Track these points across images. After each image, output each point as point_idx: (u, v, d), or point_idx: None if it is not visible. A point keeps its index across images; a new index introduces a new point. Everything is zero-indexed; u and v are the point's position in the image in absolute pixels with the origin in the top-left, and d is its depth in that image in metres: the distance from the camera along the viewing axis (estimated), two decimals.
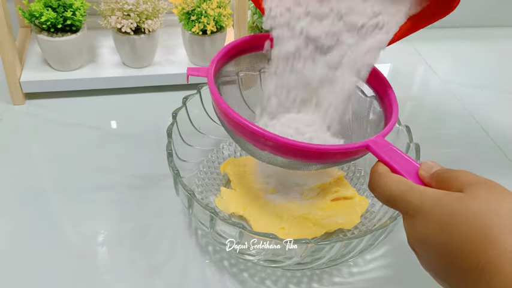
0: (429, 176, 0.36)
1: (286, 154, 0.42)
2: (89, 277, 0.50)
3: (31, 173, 0.61)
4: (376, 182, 0.37)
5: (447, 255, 0.30)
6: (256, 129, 0.41)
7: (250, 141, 0.43)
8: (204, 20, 0.71)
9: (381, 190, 0.36)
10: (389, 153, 0.40)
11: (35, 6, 0.67)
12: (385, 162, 0.39)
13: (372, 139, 0.42)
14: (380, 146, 0.41)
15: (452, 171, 0.34)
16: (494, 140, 0.73)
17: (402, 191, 0.34)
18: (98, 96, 0.74)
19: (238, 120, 0.42)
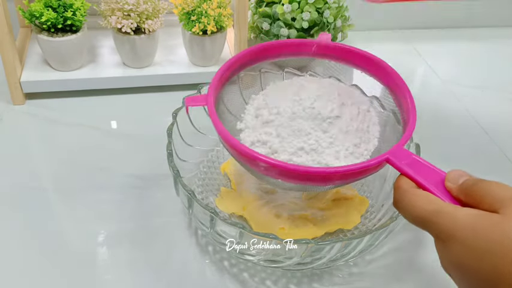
0: (457, 188, 0.33)
1: (303, 181, 0.41)
2: (89, 277, 0.50)
3: (31, 173, 0.61)
4: (401, 200, 0.35)
5: (487, 282, 0.29)
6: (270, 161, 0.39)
7: (263, 172, 0.42)
8: (204, 20, 0.71)
9: (407, 210, 0.34)
10: (411, 164, 0.37)
11: (35, 6, 0.67)
12: (408, 176, 0.36)
13: (391, 150, 0.39)
14: (400, 157, 0.38)
15: (482, 184, 0.32)
16: (494, 140, 0.73)
17: (431, 212, 0.32)
18: (98, 96, 0.74)
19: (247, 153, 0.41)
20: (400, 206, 0.35)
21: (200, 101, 0.47)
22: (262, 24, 0.78)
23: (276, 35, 0.77)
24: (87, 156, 0.63)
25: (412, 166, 0.37)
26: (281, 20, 0.76)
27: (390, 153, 0.39)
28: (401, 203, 0.35)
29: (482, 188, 0.31)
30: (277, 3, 0.76)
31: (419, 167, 0.36)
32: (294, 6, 0.74)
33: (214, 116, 0.44)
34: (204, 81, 0.58)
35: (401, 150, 0.39)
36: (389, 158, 0.39)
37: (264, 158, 0.40)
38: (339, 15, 0.77)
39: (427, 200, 0.33)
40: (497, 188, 0.31)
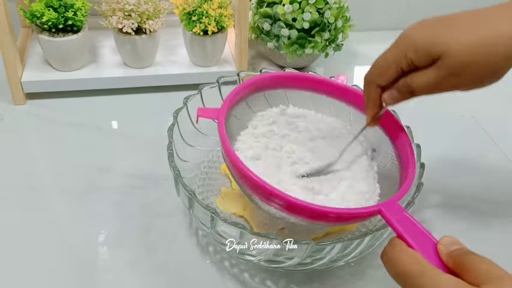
0: (448, 253, 0.34)
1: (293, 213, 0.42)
2: (89, 277, 0.50)
3: (31, 173, 0.61)
4: (388, 252, 0.35)
5: None
6: (271, 189, 0.40)
7: (260, 198, 0.43)
8: (205, 21, 0.71)
9: (392, 263, 0.35)
10: (403, 222, 0.37)
11: (36, 7, 0.67)
12: (397, 232, 0.37)
13: (385, 203, 0.40)
14: (393, 212, 0.38)
15: (473, 257, 0.32)
16: (494, 140, 0.73)
17: (415, 271, 0.33)
18: (98, 96, 0.74)
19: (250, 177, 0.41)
20: (386, 258, 0.36)
21: (212, 113, 0.47)
22: (263, 25, 0.78)
23: (277, 35, 0.77)
24: (87, 156, 0.63)
25: (402, 223, 0.37)
26: (282, 20, 0.76)
27: (383, 206, 0.39)
28: (388, 255, 0.35)
29: (471, 260, 0.32)
30: (278, 3, 0.76)
31: (409, 225, 0.37)
32: (294, 7, 0.74)
33: (223, 134, 0.44)
34: (204, 82, 0.58)
35: (394, 205, 0.39)
36: (381, 210, 0.39)
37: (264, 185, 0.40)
38: (340, 16, 0.77)
39: (414, 259, 0.34)
40: (484, 264, 0.32)
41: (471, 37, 0.38)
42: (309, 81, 0.54)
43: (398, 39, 0.42)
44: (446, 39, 0.39)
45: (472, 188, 0.64)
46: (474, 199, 0.63)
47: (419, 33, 0.40)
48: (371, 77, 0.44)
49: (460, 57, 0.38)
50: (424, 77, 0.41)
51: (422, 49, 0.40)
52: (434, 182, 0.62)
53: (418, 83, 0.41)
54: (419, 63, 0.41)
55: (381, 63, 0.43)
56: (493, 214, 0.61)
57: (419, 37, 0.40)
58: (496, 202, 0.62)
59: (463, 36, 0.39)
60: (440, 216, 0.59)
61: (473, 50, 0.38)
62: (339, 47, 0.82)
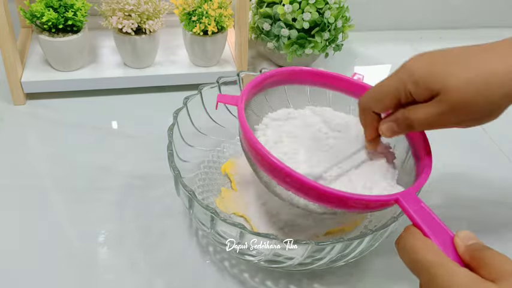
0: (465, 247, 0.34)
1: (307, 196, 0.42)
2: (90, 277, 0.50)
3: (31, 173, 0.61)
4: (405, 240, 0.35)
5: None
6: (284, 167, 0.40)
7: (274, 178, 0.43)
8: (205, 21, 0.71)
9: (406, 251, 0.35)
10: (420, 212, 0.37)
11: (36, 7, 0.67)
12: (414, 222, 0.37)
13: (403, 192, 0.40)
14: (411, 202, 0.38)
15: (490, 253, 0.33)
16: (494, 140, 0.73)
17: (431, 261, 0.33)
18: (98, 96, 0.74)
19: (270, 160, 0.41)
20: (402, 245, 0.36)
21: (232, 100, 0.47)
22: (263, 25, 0.78)
23: (277, 36, 0.77)
24: (87, 156, 0.63)
25: (419, 213, 0.37)
26: (282, 20, 0.76)
27: (401, 195, 0.39)
28: (404, 242, 0.35)
29: (488, 255, 0.32)
30: (277, 3, 0.76)
31: (427, 216, 0.37)
32: (294, 7, 0.74)
33: (243, 119, 0.44)
34: (205, 82, 0.58)
35: (412, 195, 0.40)
36: (399, 199, 0.39)
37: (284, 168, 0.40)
38: (340, 16, 0.78)
39: (431, 249, 0.34)
40: (500, 259, 0.32)
41: (471, 75, 0.38)
42: (335, 81, 0.54)
43: (399, 69, 0.41)
44: (446, 75, 0.39)
45: (472, 188, 0.64)
46: (474, 199, 0.63)
47: (420, 66, 0.40)
48: (367, 103, 0.44)
49: (459, 94, 0.38)
50: (424, 110, 0.41)
51: (423, 83, 0.39)
52: (435, 182, 0.62)
53: (417, 117, 0.41)
54: (418, 96, 0.41)
55: (378, 90, 0.43)
56: (493, 214, 0.61)
57: (420, 70, 0.40)
58: (496, 202, 0.62)
59: (463, 73, 0.39)
60: (440, 216, 0.59)
61: (473, 88, 0.38)
62: (339, 47, 0.82)
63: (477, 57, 0.40)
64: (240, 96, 0.47)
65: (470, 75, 0.38)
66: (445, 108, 0.39)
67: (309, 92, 0.55)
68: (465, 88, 0.38)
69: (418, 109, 0.41)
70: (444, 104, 0.39)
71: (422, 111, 0.41)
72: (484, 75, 0.38)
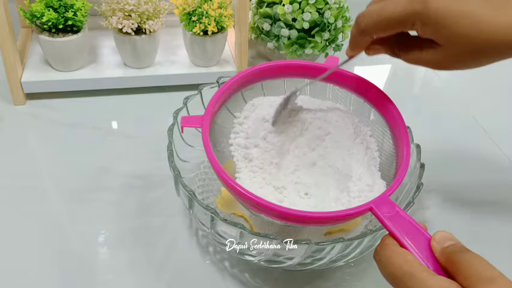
0: (441, 250, 0.33)
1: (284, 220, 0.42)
2: (89, 277, 0.50)
3: (31, 173, 0.61)
4: (380, 253, 0.35)
5: None
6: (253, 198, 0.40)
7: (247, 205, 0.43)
8: (205, 21, 0.71)
9: (383, 264, 0.34)
10: (394, 219, 0.36)
11: (36, 7, 0.67)
12: (388, 230, 0.36)
13: (376, 200, 0.39)
14: (384, 209, 0.38)
15: (466, 255, 0.32)
16: (494, 140, 0.73)
17: (405, 272, 0.32)
18: (98, 96, 0.74)
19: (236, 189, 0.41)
20: (378, 258, 0.35)
21: (195, 122, 0.46)
22: (263, 25, 0.78)
23: (277, 36, 0.77)
24: (87, 156, 0.63)
25: (393, 220, 0.36)
26: (282, 20, 0.76)
27: (374, 203, 0.39)
28: (379, 256, 0.35)
29: (465, 259, 0.31)
30: (277, 3, 0.76)
31: (401, 222, 0.36)
32: (294, 7, 0.74)
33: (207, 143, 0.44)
34: (205, 82, 0.58)
35: (386, 201, 0.39)
36: (372, 208, 0.38)
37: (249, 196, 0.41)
38: (340, 16, 0.78)
39: (404, 260, 0.33)
40: (478, 264, 0.31)
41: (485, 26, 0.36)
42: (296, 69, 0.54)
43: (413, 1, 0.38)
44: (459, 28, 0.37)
45: (472, 188, 0.64)
46: (474, 199, 0.63)
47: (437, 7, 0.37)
48: (370, 30, 0.41)
49: (464, 48, 0.37)
50: (420, 56, 0.40)
51: (432, 27, 0.38)
52: (434, 182, 0.62)
53: (409, 59, 0.41)
54: (421, 34, 0.39)
55: (386, 20, 0.39)
56: (493, 214, 0.61)
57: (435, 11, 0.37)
58: (496, 202, 0.62)
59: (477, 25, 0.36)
60: (440, 216, 0.59)
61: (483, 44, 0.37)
62: (339, 47, 0.82)
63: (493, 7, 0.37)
64: (203, 117, 0.46)
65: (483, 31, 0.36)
66: (441, 58, 0.39)
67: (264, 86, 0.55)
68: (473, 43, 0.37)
69: (415, 53, 0.41)
70: (443, 55, 0.39)
71: (421, 57, 0.40)
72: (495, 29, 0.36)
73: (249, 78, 0.52)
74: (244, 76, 0.51)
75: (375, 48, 0.44)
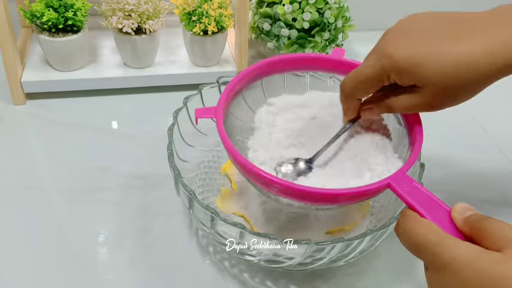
0: (463, 220, 0.34)
1: (299, 199, 0.42)
2: (89, 277, 0.50)
3: (31, 173, 0.61)
4: (403, 224, 0.35)
5: None
6: (270, 177, 0.40)
7: (263, 187, 0.43)
8: (205, 21, 0.71)
9: (406, 236, 0.34)
10: (413, 193, 0.37)
11: (36, 7, 0.67)
12: (409, 204, 0.36)
13: (393, 175, 0.40)
14: (403, 183, 0.38)
15: (490, 221, 0.32)
16: (494, 140, 0.73)
17: (431, 241, 0.33)
18: (98, 96, 0.74)
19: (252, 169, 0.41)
20: (401, 230, 0.35)
21: (210, 113, 0.47)
22: (263, 25, 0.78)
23: (277, 36, 0.77)
24: (87, 156, 0.63)
25: (412, 194, 0.37)
26: (282, 20, 0.76)
27: (392, 179, 0.39)
28: (403, 227, 0.35)
29: (489, 225, 0.32)
30: (278, 3, 0.76)
31: (420, 195, 0.36)
32: (294, 7, 0.74)
33: (222, 131, 0.44)
34: (205, 82, 0.58)
35: (403, 176, 0.39)
36: (390, 184, 0.39)
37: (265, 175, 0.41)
38: (340, 16, 0.77)
39: (429, 229, 0.33)
40: (503, 227, 0.31)
41: (453, 59, 0.38)
42: (305, 61, 0.54)
43: (381, 57, 0.40)
44: (429, 64, 0.38)
45: (472, 188, 0.64)
46: (474, 199, 0.62)
47: (403, 55, 0.39)
48: (350, 92, 0.44)
49: (443, 83, 0.38)
50: (406, 101, 0.41)
51: (406, 75, 0.39)
52: (434, 182, 0.62)
53: (399, 106, 0.42)
54: (401, 84, 0.40)
55: (361, 79, 0.42)
56: (493, 214, 0.60)
57: (403, 60, 0.39)
58: (496, 202, 0.62)
59: (445, 59, 0.38)
60: None
61: (456, 74, 0.38)
62: (339, 47, 0.82)
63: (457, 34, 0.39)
64: (217, 107, 0.46)
65: (453, 60, 0.37)
66: (429, 98, 0.40)
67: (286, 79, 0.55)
68: (448, 75, 0.38)
69: (400, 99, 0.42)
70: (429, 95, 0.39)
71: (406, 101, 0.41)
72: (466, 57, 0.37)
73: (268, 69, 0.52)
74: (262, 66, 0.51)
75: (369, 108, 0.45)
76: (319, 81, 0.55)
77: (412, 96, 0.41)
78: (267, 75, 0.53)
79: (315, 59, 0.53)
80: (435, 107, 0.41)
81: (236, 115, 0.52)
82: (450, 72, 0.38)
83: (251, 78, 0.52)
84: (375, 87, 0.42)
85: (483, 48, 0.37)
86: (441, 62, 0.38)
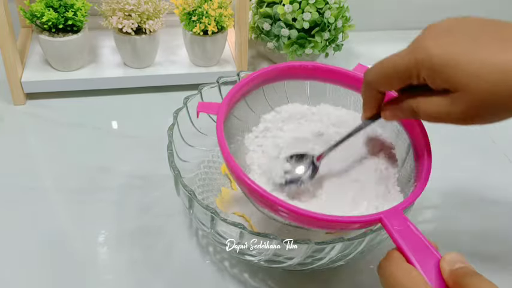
0: (450, 271, 0.32)
1: (291, 219, 0.41)
2: (89, 277, 0.50)
3: (31, 173, 0.61)
4: (384, 267, 0.34)
5: None
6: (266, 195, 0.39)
7: (256, 201, 0.43)
8: (205, 21, 0.71)
9: (385, 279, 0.33)
10: (405, 233, 0.35)
11: (36, 7, 0.67)
12: (397, 244, 0.35)
13: (387, 211, 0.38)
14: (395, 221, 0.36)
15: (475, 280, 0.31)
16: (494, 140, 0.73)
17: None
18: (98, 96, 0.74)
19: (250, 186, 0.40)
20: (381, 272, 0.34)
21: (212, 109, 0.46)
22: (263, 25, 0.78)
23: (277, 36, 0.77)
24: (87, 156, 0.63)
25: (403, 234, 0.35)
26: (282, 20, 0.76)
27: (385, 214, 0.37)
28: (383, 269, 0.34)
29: (472, 283, 0.30)
30: (278, 3, 0.76)
31: (411, 237, 0.35)
32: (294, 7, 0.74)
33: (220, 132, 0.43)
34: (205, 82, 0.58)
35: (398, 214, 0.37)
36: (382, 219, 0.37)
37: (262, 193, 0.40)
38: (340, 16, 0.77)
39: (408, 276, 0.32)
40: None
41: (499, 65, 0.32)
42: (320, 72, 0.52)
43: (414, 46, 0.35)
44: (468, 66, 0.33)
45: (472, 188, 0.64)
46: (474, 199, 0.63)
47: (441, 52, 0.34)
48: (375, 82, 0.39)
49: (481, 91, 0.33)
50: (434, 107, 0.36)
51: (441, 74, 0.34)
52: (434, 182, 0.62)
53: (425, 111, 0.37)
54: (432, 84, 0.35)
55: (388, 70, 0.38)
56: (493, 214, 0.61)
57: (440, 57, 0.34)
58: (496, 202, 0.62)
59: (489, 63, 0.32)
60: (440, 217, 0.59)
61: (499, 82, 0.32)
62: (339, 47, 0.82)
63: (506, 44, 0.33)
64: (221, 105, 0.45)
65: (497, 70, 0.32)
66: (462, 108, 0.34)
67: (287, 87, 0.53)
68: (489, 85, 0.32)
69: (429, 102, 0.36)
70: (462, 103, 0.34)
71: (435, 106, 0.36)
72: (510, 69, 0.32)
73: (274, 74, 0.51)
74: (267, 72, 0.50)
75: (391, 109, 0.40)
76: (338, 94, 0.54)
77: (443, 103, 0.35)
78: (284, 80, 0.52)
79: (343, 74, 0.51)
80: (467, 119, 0.35)
81: (238, 116, 0.52)
82: (493, 80, 0.32)
83: (262, 80, 0.51)
84: (401, 82, 0.37)
85: None
86: (484, 66, 0.32)
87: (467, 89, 0.33)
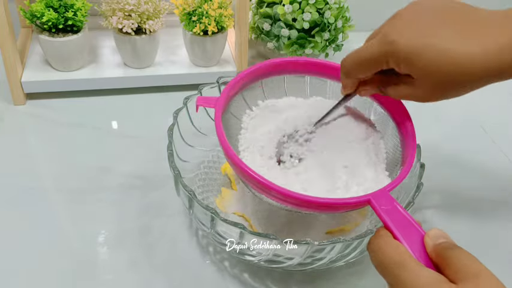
0: (433, 245, 0.34)
1: (284, 202, 0.42)
2: (89, 277, 0.50)
3: (31, 173, 0.61)
4: (373, 242, 0.36)
5: None
6: (260, 179, 0.40)
7: (252, 186, 0.44)
8: (205, 21, 0.71)
9: (374, 254, 0.35)
10: (391, 212, 0.37)
11: (36, 7, 0.67)
12: (384, 223, 0.37)
13: (375, 193, 0.40)
14: (382, 202, 0.38)
15: (456, 252, 0.32)
16: (494, 140, 0.73)
17: (396, 262, 0.33)
18: (98, 96, 0.74)
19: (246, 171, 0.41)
20: (370, 248, 0.36)
21: (211, 103, 0.47)
22: (263, 25, 0.78)
23: (277, 36, 0.77)
24: (87, 156, 0.63)
25: (390, 213, 0.37)
26: (282, 20, 0.76)
27: (373, 196, 0.39)
28: (372, 245, 0.36)
29: (454, 255, 0.32)
30: (278, 3, 0.76)
31: (397, 216, 0.37)
32: (294, 7, 0.74)
33: (218, 123, 0.44)
34: (205, 82, 0.58)
35: (385, 195, 0.39)
36: (370, 200, 0.39)
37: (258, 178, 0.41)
38: (340, 16, 0.78)
39: (396, 250, 0.34)
40: (466, 260, 0.31)
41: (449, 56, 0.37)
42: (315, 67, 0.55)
43: (383, 42, 0.40)
44: (425, 57, 0.38)
45: (472, 188, 0.64)
46: (474, 199, 0.63)
47: (404, 44, 0.39)
48: (350, 70, 0.45)
49: (434, 79, 0.39)
50: (401, 88, 0.42)
51: (404, 64, 0.39)
52: (434, 182, 0.62)
53: (394, 95, 0.44)
54: (399, 71, 0.41)
55: (361, 60, 0.43)
56: (493, 214, 0.61)
57: (403, 50, 0.39)
58: (496, 202, 0.62)
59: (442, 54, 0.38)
60: (440, 216, 0.59)
61: (449, 71, 0.38)
62: (339, 47, 0.82)
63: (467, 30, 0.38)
64: (218, 98, 0.47)
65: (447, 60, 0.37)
66: (423, 91, 0.41)
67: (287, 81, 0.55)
68: (441, 74, 0.38)
69: (398, 89, 0.43)
70: (422, 88, 0.40)
71: (400, 88, 0.42)
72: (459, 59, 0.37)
73: (268, 70, 0.52)
74: (264, 67, 0.51)
75: (365, 89, 0.46)
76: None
77: (407, 85, 0.41)
78: (283, 74, 0.53)
79: None
80: (426, 99, 0.42)
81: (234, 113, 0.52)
82: (448, 71, 0.38)
83: (261, 74, 0.52)
84: (373, 70, 0.43)
85: (481, 49, 0.37)
86: (437, 57, 0.38)
87: (426, 76, 0.39)
